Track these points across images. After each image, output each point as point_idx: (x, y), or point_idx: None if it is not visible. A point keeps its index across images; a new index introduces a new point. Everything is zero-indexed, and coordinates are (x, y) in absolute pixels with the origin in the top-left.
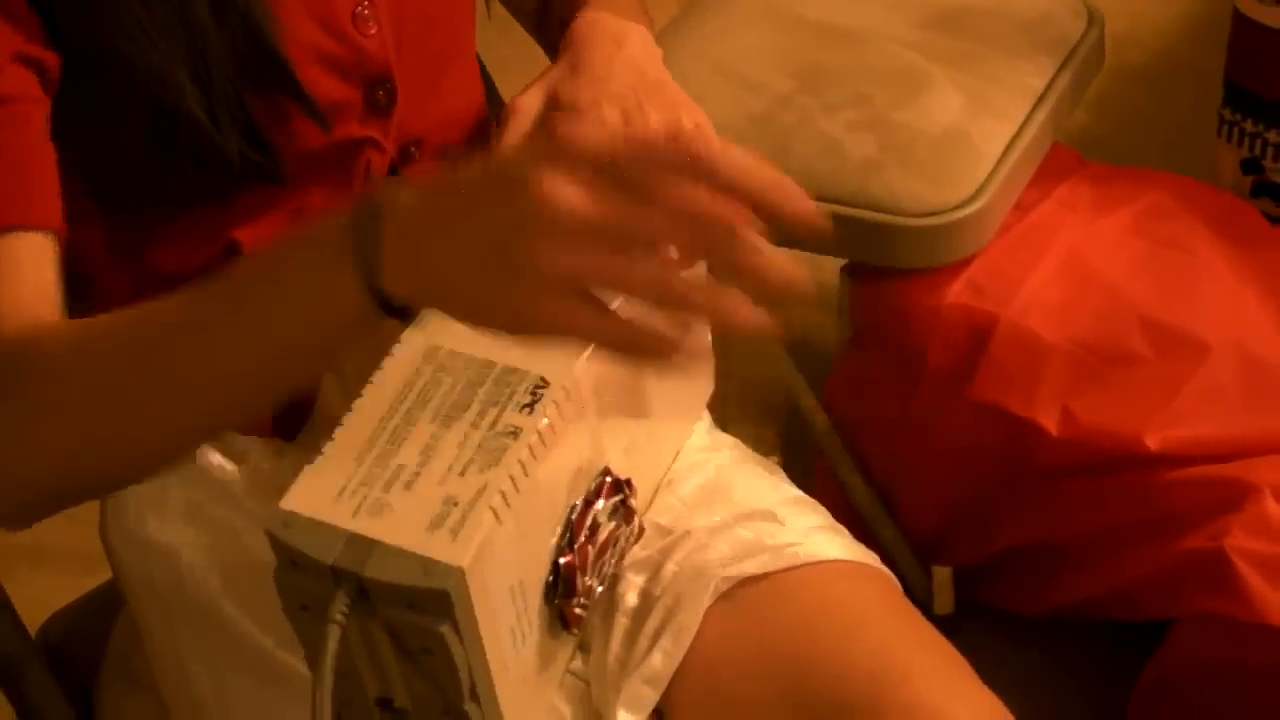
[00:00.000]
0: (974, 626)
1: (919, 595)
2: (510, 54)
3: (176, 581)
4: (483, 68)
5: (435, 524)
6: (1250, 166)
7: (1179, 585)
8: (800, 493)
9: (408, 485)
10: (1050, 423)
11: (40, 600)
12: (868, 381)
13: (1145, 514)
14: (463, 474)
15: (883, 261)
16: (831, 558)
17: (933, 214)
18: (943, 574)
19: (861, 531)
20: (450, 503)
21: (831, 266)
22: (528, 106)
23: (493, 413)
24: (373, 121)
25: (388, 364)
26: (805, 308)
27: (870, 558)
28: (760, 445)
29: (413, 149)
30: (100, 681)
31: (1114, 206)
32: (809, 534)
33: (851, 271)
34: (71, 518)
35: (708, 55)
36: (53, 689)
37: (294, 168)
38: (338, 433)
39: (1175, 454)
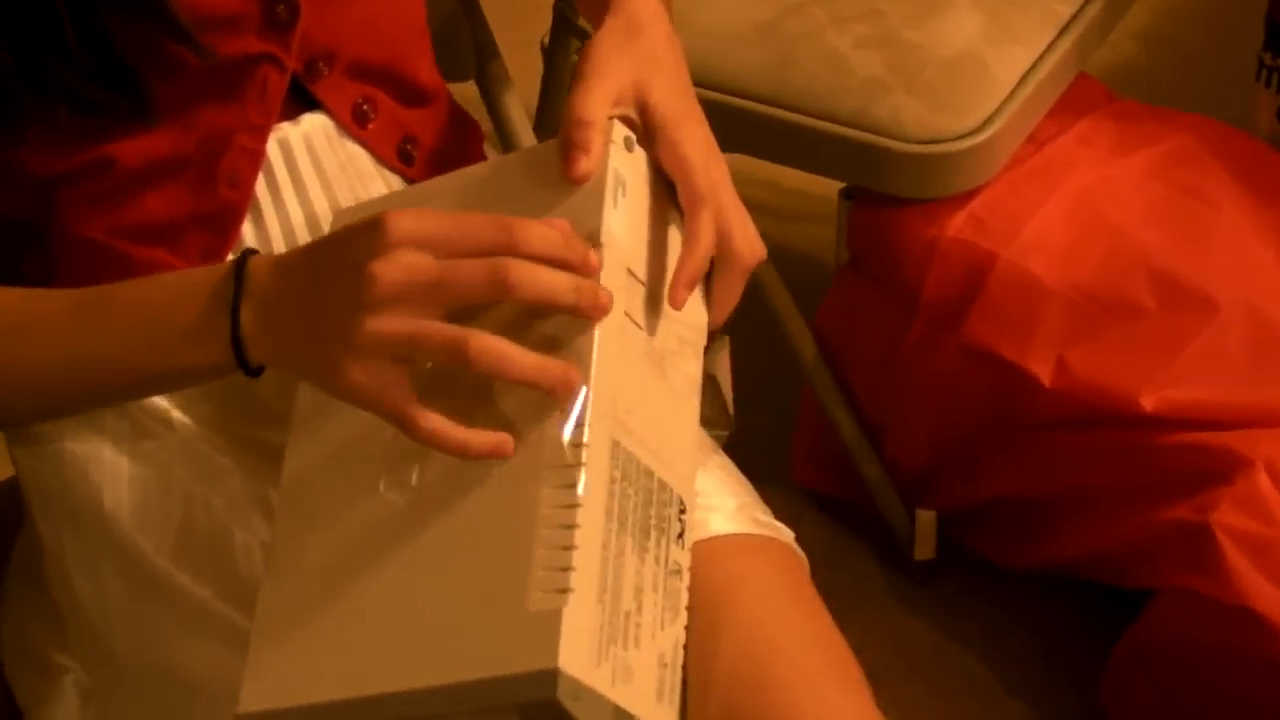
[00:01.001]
0: (952, 579)
1: (901, 538)
2: None
3: (60, 479)
4: None
5: (660, 693)
6: None
7: (1161, 556)
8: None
9: (636, 641)
10: (1043, 372)
11: None
12: (861, 311)
13: (1133, 476)
14: (662, 627)
15: (881, 188)
16: (719, 533)
17: (936, 141)
18: (926, 518)
19: (846, 467)
20: (662, 664)
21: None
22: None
23: (662, 543)
24: (272, 36)
25: (591, 461)
26: (807, 222)
27: (776, 532)
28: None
29: (321, 64)
30: (5, 577)
31: (1135, 147)
32: (703, 509)
33: (850, 195)
34: None
35: None
36: None
37: (181, 85)
38: (577, 558)
39: (1170, 416)
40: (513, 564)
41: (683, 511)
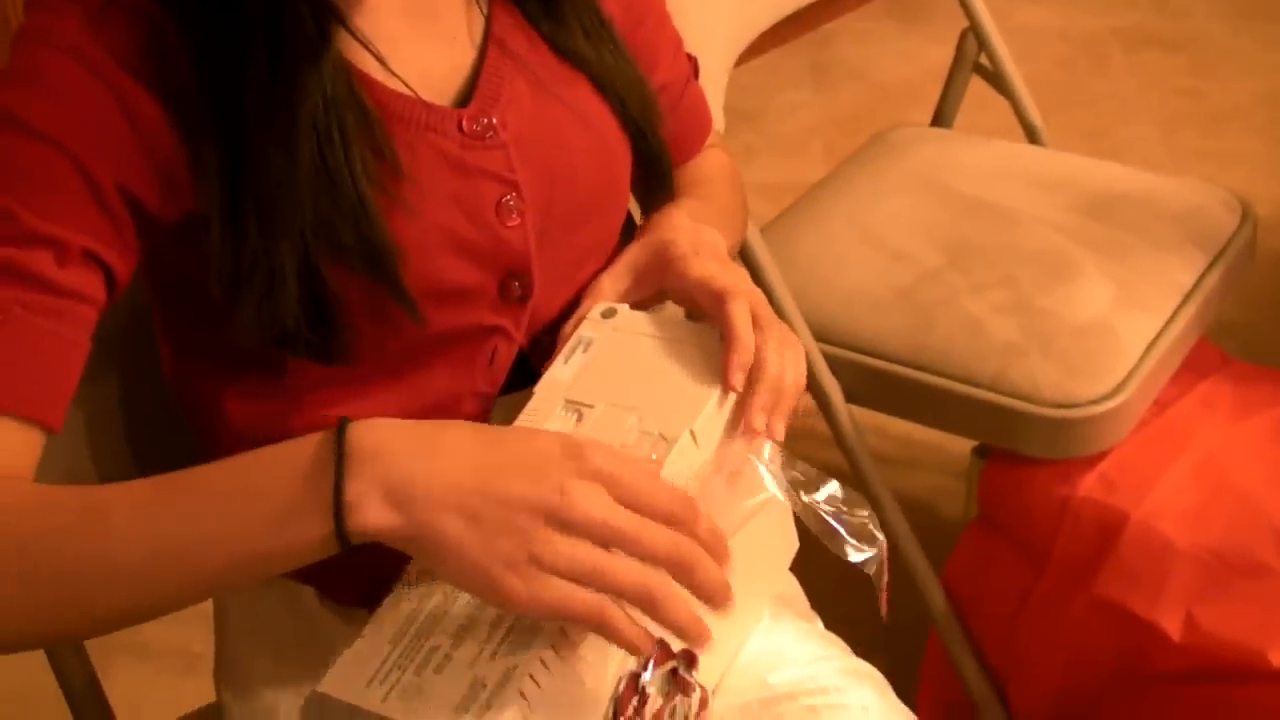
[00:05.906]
0: None
1: None
2: None
3: None
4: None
5: (462, 707)
6: None
7: None
8: (857, 662)
9: (438, 668)
10: (1172, 627)
11: (139, 696)
12: (990, 564)
13: None
14: (493, 657)
15: (1015, 449)
16: None
17: (1070, 406)
18: None
19: (971, 716)
20: (479, 685)
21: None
22: (610, 290)
23: None
24: (505, 311)
25: None
26: (936, 474)
27: None
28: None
29: (544, 338)
30: None
31: (1256, 409)
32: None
33: (983, 453)
34: (175, 616)
35: (857, 220)
36: None
37: (414, 350)
38: (378, 613)
39: None
40: None
41: None
